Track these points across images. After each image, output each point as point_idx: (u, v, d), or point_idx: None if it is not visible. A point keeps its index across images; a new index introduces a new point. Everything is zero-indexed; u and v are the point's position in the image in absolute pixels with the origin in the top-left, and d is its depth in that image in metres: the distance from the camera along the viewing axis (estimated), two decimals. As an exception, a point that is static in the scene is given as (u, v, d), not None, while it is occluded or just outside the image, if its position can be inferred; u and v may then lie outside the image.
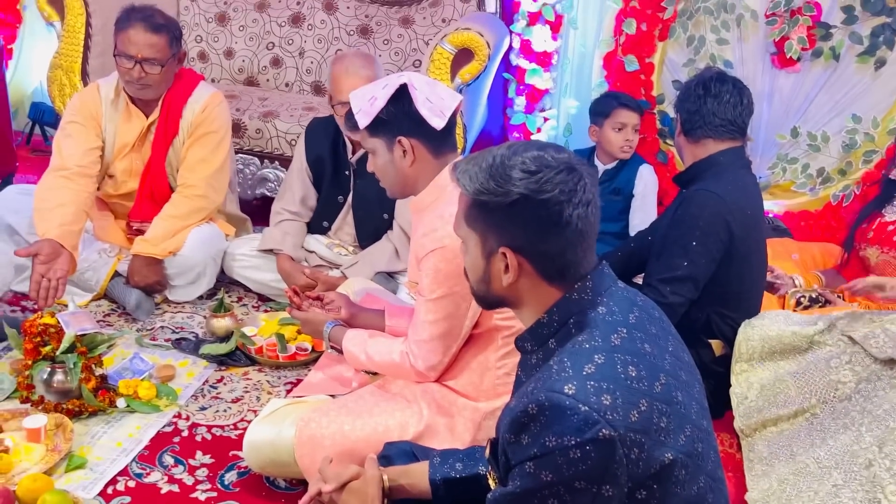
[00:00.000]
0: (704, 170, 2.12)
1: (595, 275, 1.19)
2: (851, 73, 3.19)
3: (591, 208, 1.14)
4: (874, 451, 1.68)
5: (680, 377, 1.18)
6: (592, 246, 1.19)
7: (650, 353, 1.14)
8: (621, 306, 1.17)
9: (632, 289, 1.25)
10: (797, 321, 2.10)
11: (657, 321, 1.24)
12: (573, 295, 1.17)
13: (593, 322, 1.14)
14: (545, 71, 3.63)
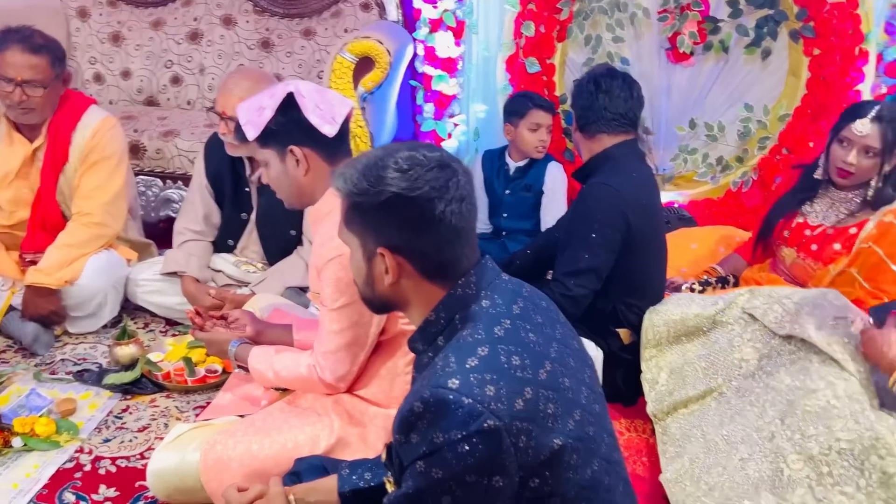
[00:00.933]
0: (600, 164, 2.17)
1: (478, 269, 1.19)
2: (741, 65, 3.32)
3: (464, 204, 1.14)
4: (777, 423, 1.73)
5: (568, 364, 1.19)
6: (471, 241, 1.19)
7: (535, 341, 1.14)
8: (505, 298, 1.18)
9: (517, 280, 1.26)
10: (699, 303, 2.15)
11: (544, 311, 1.24)
12: (457, 291, 1.17)
13: (477, 316, 1.14)
14: (451, 77, 3.64)
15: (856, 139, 2.28)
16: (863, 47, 3.12)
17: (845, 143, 2.31)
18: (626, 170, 2.12)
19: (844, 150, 2.31)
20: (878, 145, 2.26)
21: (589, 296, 2.10)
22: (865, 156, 2.28)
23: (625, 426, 2.17)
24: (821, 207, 2.47)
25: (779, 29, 3.20)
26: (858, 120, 2.27)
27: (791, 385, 1.80)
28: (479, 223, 3.14)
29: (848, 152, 2.29)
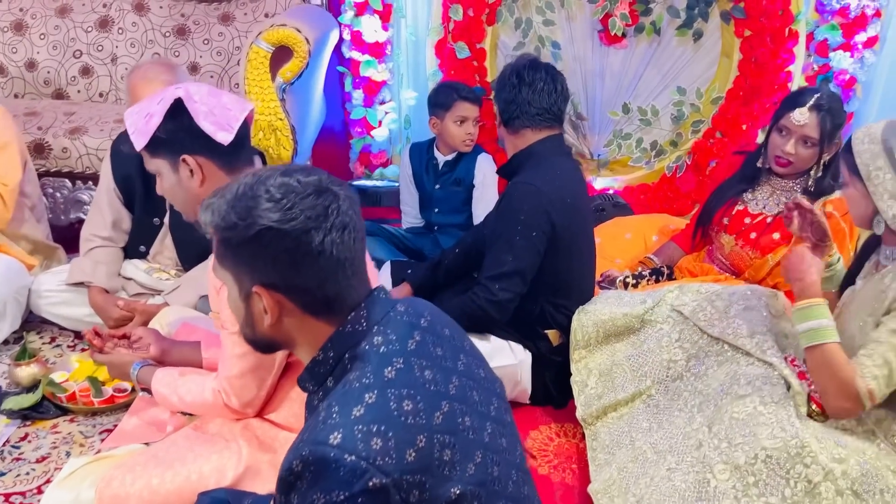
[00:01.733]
0: (524, 160, 2.09)
1: (369, 303, 1.09)
2: (673, 47, 3.26)
3: (347, 233, 1.03)
4: (704, 431, 1.68)
5: (470, 399, 1.10)
6: (359, 272, 1.09)
7: (431, 380, 1.05)
8: (399, 333, 1.08)
9: (418, 309, 1.16)
10: (628, 302, 2.10)
11: (446, 340, 1.15)
12: (346, 328, 1.07)
13: (366, 356, 1.04)
14: (380, 62, 3.51)
15: (794, 128, 2.24)
16: (792, 28, 3.09)
17: (784, 132, 2.28)
18: (551, 167, 2.04)
19: (783, 140, 2.28)
20: (816, 135, 2.23)
21: (515, 300, 2.03)
22: (804, 145, 2.26)
23: (555, 431, 2.11)
24: (762, 195, 2.44)
25: (710, 10, 3.15)
26: (797, 109, 2.23)
27: (719, 389, 1.76)
28: (411, 218, 3.05)
29: (786, 141, 2.26)
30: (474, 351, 1.23)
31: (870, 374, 1.53)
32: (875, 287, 1.64)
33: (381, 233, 2.95)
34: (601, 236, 2.79)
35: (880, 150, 1.59)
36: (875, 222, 1.64)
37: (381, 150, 3.69)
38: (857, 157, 1.62)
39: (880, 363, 1.53)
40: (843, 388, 1.56)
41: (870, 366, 1.54)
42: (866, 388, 1.53)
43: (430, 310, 1.20)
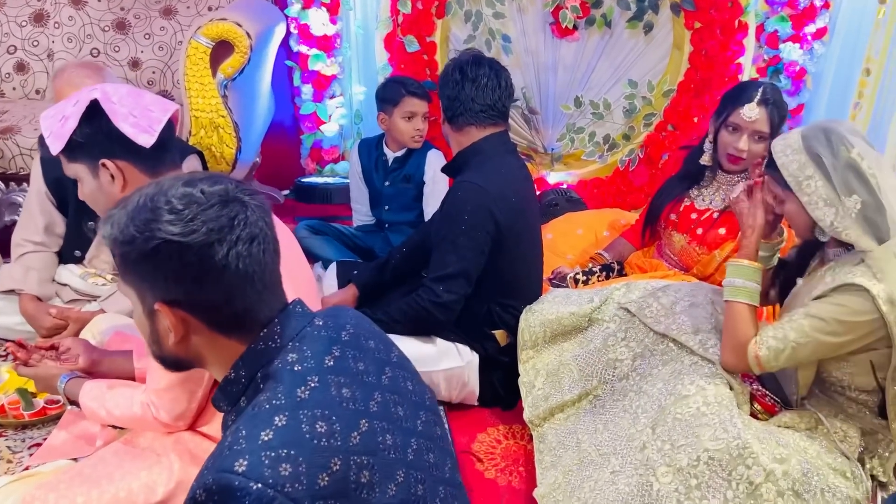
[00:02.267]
0: (469, 158, 2.04)
1: (283, 318, 1.03)
2: (625, 39, 3.24)
3: (256, 245, 0.98)
4: (648, 433, 1.66)
5: (394, 415, 1.06)
6: (272, 285, 1.03)
7: (349, 398, 1.00)
8: (316, 348, 1.03)
9: (339, 321, 1.11)
10: (575, 301, 2.06)
11: (370, 353, 1.10)
12: (258, 345, 1.02)
13: (279, 375, 0.99)
14: (328, 56, 3.44)
15: (745, 125, 2.22)
16: (742, 20, 3.08)
17: (734, 129, 2.24)
18: (495, 165, 2.00)
19: (734, 137, 2.25)
20: (767, 129, 2.21)
21: (460, 301, 1.99)
22: (756, 141, 2.23)
23: (503, 433, 2.08)
24: (708, 192, 2.42)
25: (660, 2, 3.13)
26: (747, 105, 2.20)
27: (663, 389, 1.73)
28: (362, 215, 2.99)
29: (738, 139, 2.24)
30: (403, 362, 1.18)
31: (765, 344, 1.58)
32: (817, 283, 1.63)
33: (329, 231, 2.89)
34: (552, 232, 2.77)
35: (806, 158, 1.54)
36: (817, 232, 1.61)
37: (332, 146, 3.62)
38: (784, 170, 1.57)
39: (780, 336, 1.57)
40: (736, 345, 1.64)
41: (769, 336, 1.58)
42: (755, 353, 1.59)
43: (354, 321, 1.15)
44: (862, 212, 1.52)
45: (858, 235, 1.53)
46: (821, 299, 1.56)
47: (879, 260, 1.51)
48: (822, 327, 1.53)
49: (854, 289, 1.50)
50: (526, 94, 3.36)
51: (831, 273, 1.58)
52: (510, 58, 3.31)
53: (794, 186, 1.57)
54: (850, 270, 1.53)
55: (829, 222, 1.55)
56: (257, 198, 1.01)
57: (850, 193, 1.52)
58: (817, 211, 1.55)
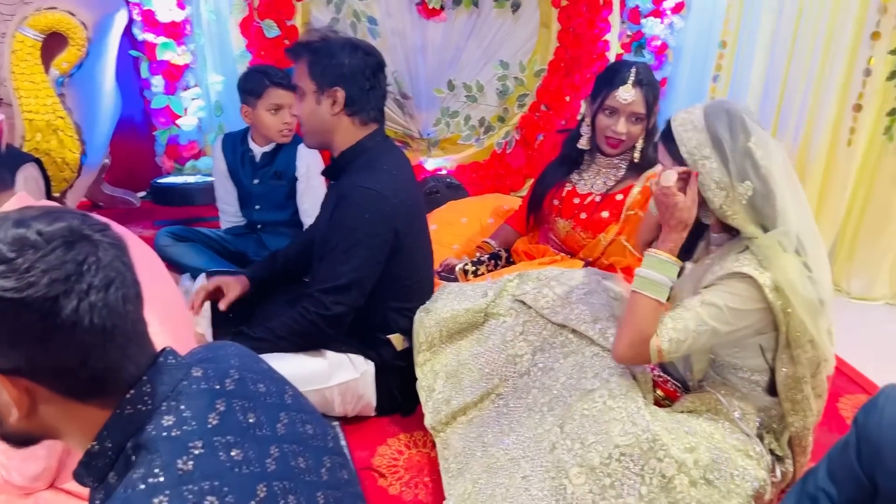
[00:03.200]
0: (353, 158, 1.87)
1: (154, 374, 0.87)
2: (493, 19, 3.17)
3: (112, 291, 0.80)
4: (556, 432, 1.61)
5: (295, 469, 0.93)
6: (136, 338, 0.86)
7: (242, 460, 0.86)
8: (197, 406, 0.87)
9: (222, 367, 0.95)
10: (469, 296, 1.99)
11: (260, 400, 0.96)
12: (125, 410, 0.85)
13: (154, 444, 0.83)
14: (179, 44, 3.17)
15: (621, 107, 2.20)
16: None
17: (611, 112, 2.22)
18: (385, 166, 1.85)
19: (612, 120, 2.23)
20: (643, 110, 2.21)
21: (350, 313, 1.85)
22: (633, 122, 2.23)
23: (405, 442, 1.97)
24: (589, 176, 2.40)
25: (526, -20, 3.09)
26: (622, 87, 2.19)
27: (567, 384, 1.69)
28: (231, 216, 2.76)
29: (616, 121, 2.22)
30: (298, 402, 1.05)
31: (666, 336, 1.53)
32: (703, 271, 1.63)
33: (195, 237, 2.65)
34: (437, 222, 2.68)
35: (706, 138, 1.51)
36: (703, 213, 1.58)
37: (190, 141, 3.35)
38: (682, 145, 1.53)
39: (680, 328, 1.53)
40: (637, 339, 1.54)
41: (670, 328, 1.54)
42: (657, 347, 1.53)
43: (240, 362, 1.00)
44: (752, 199, 1.51)
45: (745, 221, 1.53)
46: (713, 287, 1.55)
47: (764, 248, 1.51)
48: (717, 315, 1.52)
49: (741, 277, 1.50)
50: (397, 78, 3.24)
51: (719, 261, 1.58)
52: (377, 40, 3.17)
53: (689, 163, 1.53)
54: (736, 258, 1.53)
55: (718, 205, 1.53)
56: (109, 234, 0.84)
57: (744, 180, 1.50)
58: (708, 192, 1.52)
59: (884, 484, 0.91)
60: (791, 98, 3.08)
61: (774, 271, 1.49)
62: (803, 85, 3.02)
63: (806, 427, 1.65)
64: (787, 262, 1.50)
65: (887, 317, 2.92)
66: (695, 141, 1.52)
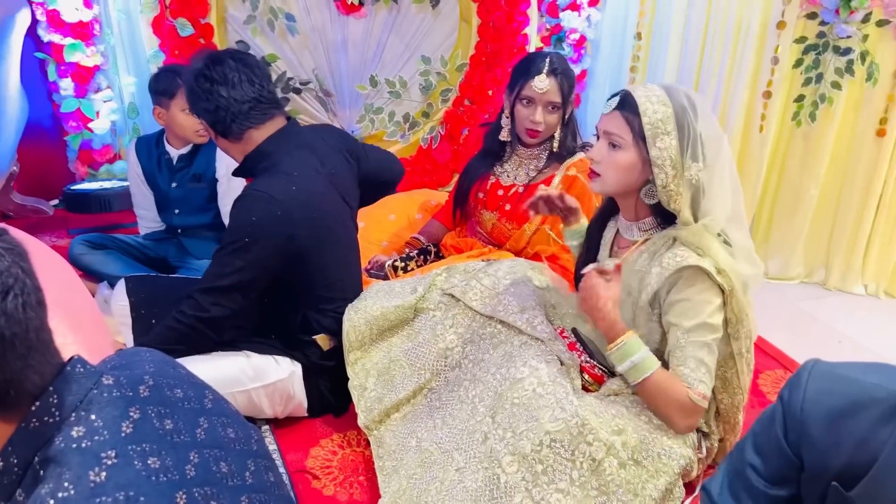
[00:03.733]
0: (257, 162, 1.82)
1: (60, 383, 0.83)
2: (413, 14, 3.17)
3: (11, 299, 0.77)
4: (488, 422, 1.61)
5: (217, 474, 0.91)
6: (41, 346, 0.83)
7: (159, 468, 0.83)
8: (108, 415, 0.84)
9: (136, 374, 0.92)
10: (398, 292, 1.98)
11: (178, 405, 0.93)
12: (31, 423, 0.81)
13: (63, 457, 0.79)
14: (88, 45, 3.04)
15: (537, 97, 2.23)
16: (524, -10, 3.12)
17: (527, 102, 2.25)
18: (285, 169, 1.79)
19: (529, 110, 2.25)
20: (559, 98, 2.24)
21: (230, 317, 1.79)
22: (550, 111, 2.26)
23: (338, 443, 1.95)
24: (511, 167, 2.42)
25: (444, -26, 3.09)
26: (537, 77, 2.21)
27: (497, 374, 1.70)
28: (149, 221, 2.67)
29: (533, 111, 2.24)
30: (219, 406, 1.02)
31: (696, 381, 1.55)
32: (629, 266, 1.65)
33: (112, 244, 2.56)
34: (365, 220, 2.66)
35: (671, 113, 1.50)
36: (646, 191, 1.58)
37: (104, 146, 3.23)
38: (646, 116, 1.50)
39: (695, 366, 1.55)
40: (681, 407, 1.56)
41: (690, 374, 1.55)
42: (699, 395, 1.54)
43: (155, 368, 0.96)
44: (697, 182, 1.53)
45: (685, 204, 1.55)
46: (681, 303, 1.55)
47: (693, 235, 1.55)
48: (707, 328, 1.55)
49: (690, 271, 1.53)
50: (318, 75, 3.20)
51: (652, 259, 1.60)
52: (296, 38, 3.12)
53: (650, 136, 1.51)
54: (673, 254, 1.55)
55: (666, 183, 1.52)
56: (5, 239, 0.80)
57: (697, 160, 1.52)
58: (661, 168, 1.51)
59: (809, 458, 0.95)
60: (705, 87, 3.17)
61: (711, 255, 1.54)
62: (716, 74, 3.11)
63: (734, 405, 1.70)
64: (714, 245, 1.55)
65: (802, 294, 3.05)
66: (660, 114, 1.51)
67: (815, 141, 2.97)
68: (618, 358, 1.60)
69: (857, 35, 2.73)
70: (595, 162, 1.61)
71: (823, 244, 3.12)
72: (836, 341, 2.65)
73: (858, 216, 2.97)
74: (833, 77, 2.84)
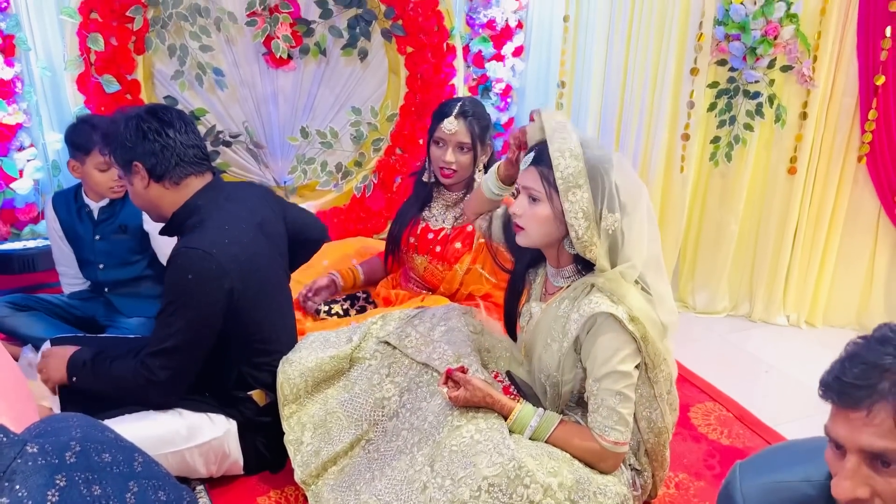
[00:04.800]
0: (185, 219, 1.81)
1: None
2: (342, 67, 3.22)
3: None
4: (427, 471, 1.61)
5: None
6: None
7: None
8: (33, 484, 0.82)
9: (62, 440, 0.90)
10: (333, 342, 1.97)
11: (106, 470, 0.92)
12: None
13: None
14: (9, 103, 2.97)
15: (447, 137, 2.33)
16: (450, 42, 3.22)
17: (441, 144, 2.36)
18: (215, 223, 1.77)
19: (441, 150, 2.36)
20: (468, 139, 2.33)
21: (179, 377, 1.78)
22: (461, 152, 2.35)
23: (275, 499, 1.91)
24: (438, 211, 2.49)
25: (371, 28, 3.16)
26: (446, 120, 2.32)
27: (434, 422, 1.70)
28: (71, 279, 2.60)
29: (444, 151, 2.35)
30: (150, 469, 1.00)
31: (607, 429, 1.60)
32: (553, 312, 1.69)
33: (37, 305, 2.47)
34: (298, 267, 2.66)
35: (583, 168, 1.54)
36: (567, 241, 1.62)
37: (28, 204, 3.14)
38: (558, 171, 1.53)
39: (607, 414, 1.59)
40: (594, 453, 1.62)
41: (601, 422, 1.60)
42: (610, 441, 1.60)
43: (82, 433, 0.95)
44: (614, 232, 1.58)
45: (601, 254, 1.59)
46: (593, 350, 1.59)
47: (610, 282, 1.60)
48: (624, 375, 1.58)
49: (603, 317, 1.57)
50: (248, 127, 3.20)
51: (571, 305, 1.64)
52: (225, 92, 3.13)
53: (562, 190, 1.54)
54: (588, 301, 1.59)
55: (581, 234, 1.56)
56: None
57: (613, 212, 1.57)
58: (574, 219, 1.55)
59: None
60: (626, 130, 3.31)
61: (626, 302, 1.58)
62: (636, 118, 3.25)
63: (660, 443, 1.75)
64: (630, 293, 1.60)
65: (729, 327, 3.16)
66: (572, 168, 1.54)
67: (732, 179, 3.11)
68: (518, 429, 1.66)
69: (764, 80, 2.90)
70: (517, 216, 1.65)
71: (746, 277, 3.25)
72: (762, 371, 2.75)
73: (777, 249, 3.11)
74: (745, 119, 3.00)
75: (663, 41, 3.10)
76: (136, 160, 1.77)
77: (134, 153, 1.76)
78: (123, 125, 1.76)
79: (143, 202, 1.85)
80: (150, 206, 1.85)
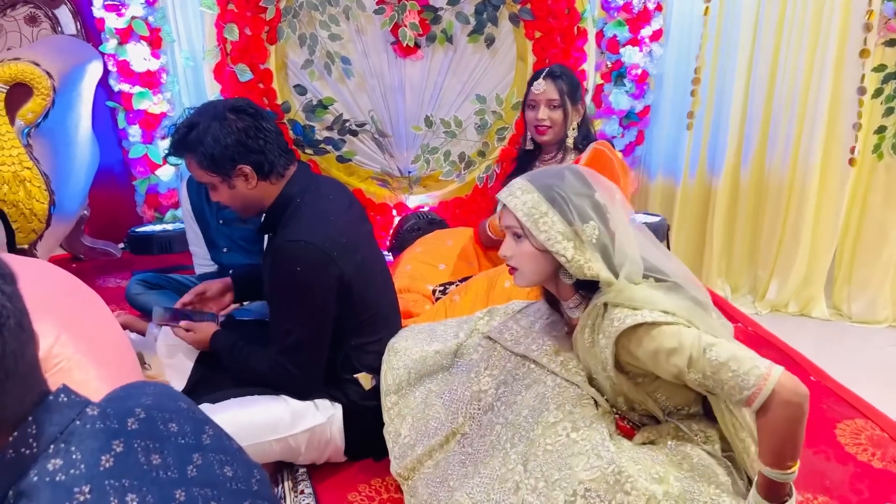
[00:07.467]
0: (282, 211, 1.78)
1: (41, 413, 0.79)
2: (469, 54, 3.15)
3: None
4: (520, 471, 1.51)
5: None
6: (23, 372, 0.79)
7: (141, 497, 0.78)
8: (88, 448, 0.80)
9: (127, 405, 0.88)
10: (440, 336, 1.92)
11: (170, 440, 0.88)
12: (7, 454, 0.78)
13: (36, 492, 0.75)
14: (155, 93, 3.16)
15: (538, 98, 2.50)
16: (581, 26, 3.07)
17: (533, 106, 2.53)
18: (311, 210, 1.75)
19: (534, 111, 2.53)
20: (557, 96, 2.49)
21: (316, 367, 1.79)
22: (552, 109, 2.50)
23: (376, 488, 1.86)
24: None
25: (498, 14, 3.07)
26: (535, 83, 2.50)
27: (529, 417, 1.59)
28: (201, 259, 2.69)
29: (537, 111, 2.51)
30: (219, 443, 0.96)
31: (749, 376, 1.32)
32: (581, 344, 1.56)
33: (167, 284, 2.59)
34: (422, 245, 2.71)
35: (539, 196, 1.49)
36: (563, 271, 1.52)
37: (170, 190, 3.32)
38: (518, 211, 1.49)
39: (735, 370, 1.33)
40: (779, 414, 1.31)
41: (740, 380, 1.32)
42: (759, 385, 1.31)
43: (153, 401, 0.92)
44: (599, 239, 1.47)
45: (600, 268, 1.47)
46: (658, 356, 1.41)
47: (620, 294, 1.45)
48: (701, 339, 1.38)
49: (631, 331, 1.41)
50: (374, 117, 3.21)
51: (593, 336, 1.51)
52: (353, 80, 3.15)
53: (531, 225, 1.48)
54: (610, 321, 1.44)
55: (570, 256, 1.47)
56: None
57: (587, 220, 1.47)
58: (557, 245, 1.47)
59: None
60: (777, 121, 3.03)
61: (647, 304, 1.42)
62: (787, 109, 2.97)
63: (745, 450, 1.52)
64: (644, 292, 1.44)
65: (889, 339, 2.81)
66: (529, 202, 1.50)
67: (898, 174, 2.77)
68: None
69: (941, 59, 2.55)
70: (508, 258, 1.58)
71: (914, 284, 2.89)
72: (929, 391, 2.41)
73: (952, 254, 2.74)
74: (916, 105, 2.66)
75: (822, 21, 2.81)
76: (240, 163, 1.71)
77: (239, 155, 1.70)
78: (219, 129, 1.68)
79: (243, 203, 1.79)
80: (250, 205, 1.80)
